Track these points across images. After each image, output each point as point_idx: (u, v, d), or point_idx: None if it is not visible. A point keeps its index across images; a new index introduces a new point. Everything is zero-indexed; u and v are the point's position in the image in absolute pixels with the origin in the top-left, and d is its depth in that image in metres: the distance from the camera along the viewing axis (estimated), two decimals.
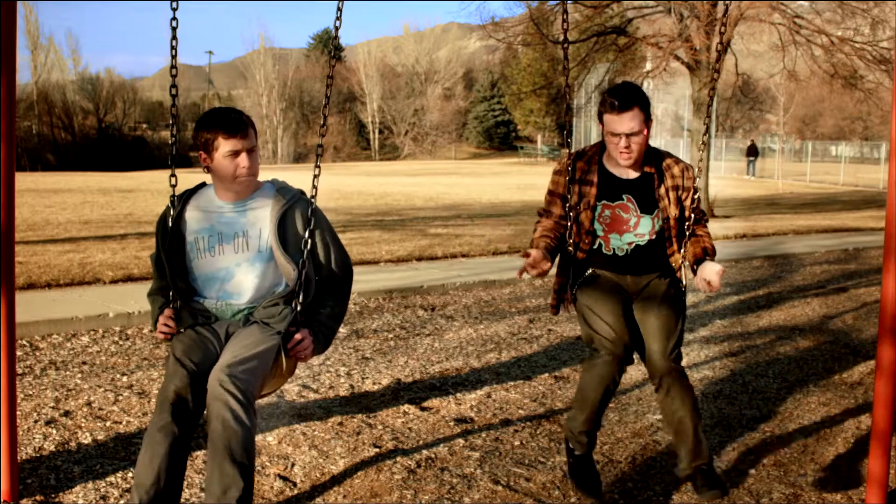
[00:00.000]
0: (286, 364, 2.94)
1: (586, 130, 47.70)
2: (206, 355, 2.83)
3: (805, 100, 55.83)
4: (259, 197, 3.01)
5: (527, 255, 3.17)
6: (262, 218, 2.96)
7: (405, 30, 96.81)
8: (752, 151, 39.31)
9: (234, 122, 2.88)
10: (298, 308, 2.94)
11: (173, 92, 2.97)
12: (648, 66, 20.80)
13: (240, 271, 2.95)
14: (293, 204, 2.99)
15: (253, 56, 78.52)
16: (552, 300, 3.50)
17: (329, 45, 79.83)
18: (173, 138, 3.03)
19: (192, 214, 3.01)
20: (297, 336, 2.93)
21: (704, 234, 3.41)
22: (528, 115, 63.51)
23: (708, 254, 3.31)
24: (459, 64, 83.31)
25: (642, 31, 19.63)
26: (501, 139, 75.89)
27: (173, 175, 2.98)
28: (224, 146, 2.88)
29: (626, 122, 3.19)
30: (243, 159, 2.89)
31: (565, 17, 3.38)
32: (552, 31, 19.89)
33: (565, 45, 3.45)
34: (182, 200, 3.03)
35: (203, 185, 3.12)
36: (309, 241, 2.95)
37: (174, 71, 2.95)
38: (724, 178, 33.98)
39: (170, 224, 2.96)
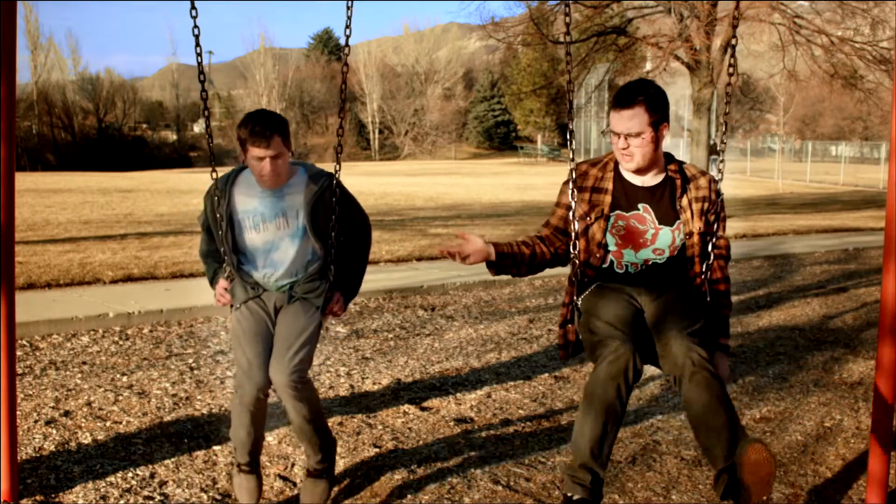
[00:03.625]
0: (324, 323, 3.48)
1: (586, 130, 47.74)
2: (266, 341, 3.29)
3: (805, 100, 55.84)
4: (294, 183, 3.35)
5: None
6: (298, 201, 3.33)
7: (405, 30, 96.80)
8: (713, 150, 40.89)
9: (260, 133, 3.14)
10: (331, 279, 3.41)
11: (204, 96, 3.28)
12: (648, 66, 20.81)
13: (283, 244, 3.34)
14: (324, 192, 3.34)
15: (253, 56, 78.50)
16: (559, 339, 3.12)
17: (333, 47, 79.88)
18: (209, 137, 3.36)
19: (239, 197, 3.35)
20: (331, 303, 3.43)
21: (724, 287, 3.03)
22: (528, 115, 63.48)
23: (724, 332, 3.00)
24: (459, 64, 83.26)
25: (642, 31, 19.64)
26: (501, 139, 75.85)
27: (214, 171, 3.34)
28: (251, 151, 3.18)
29: (624, 120, 2.90)
30: (266, 165, 3.19)
31: (567, 16, 3.14)
32: (552, 31, 19.90)
33: (567, 45, 3.19)
34: (229, 183, 3.36)
35: (244, 167, 3.40)
36: (336, 225, 3.34)
37: (202, 77, 3.21)
38: (725, 178, 33.90)
39: (220, 209, 3.32)
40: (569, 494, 2.73)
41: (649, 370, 3.14)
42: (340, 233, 3.42)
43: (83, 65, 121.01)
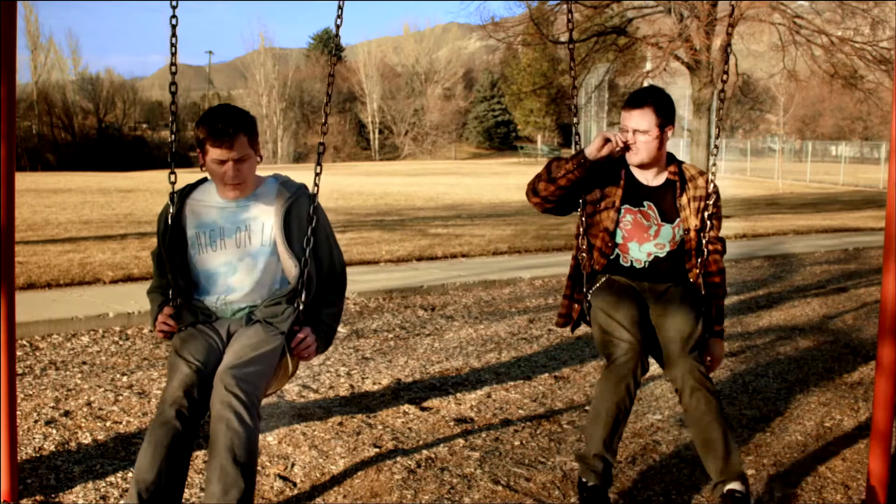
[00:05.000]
0: (291, 364, 2.93)
1: (586, 130, 47.69)
2: (210, 352, 2.78)
3: (805, 100, 55.87)
4: (262, 192, 2.94)
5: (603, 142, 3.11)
6: (266, 212, 2.89)
7: (405, 30, 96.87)
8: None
9: (221, 131, 2.73)
10: (301, 307, 2.90)
11: (173, 90, 2.87)
12: (648, 66, 20.80)
13: (242, 266, 2.89)
14: (298, 198, 2.93)
15: (253, 56, 78.50)
16: (563, 309, 3.37)
17: (330, 45, 79.82)
18: (173, 136, 2.94)
19: (193, 210, 2.94)
20: (301, 335, 2.90)
21: (719, 279, 3.29)
22: (528, 115, 63.47)
23: (719, 320, 3.28)
24: (459, 64, 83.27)
25: (642, 31, 19.64)
26: (501, 139, 75.86)
27: (172, 173, 2.89)
28: (211, 153, 2.79)
29: (634, 118, 3.18)
30: (229, 169, 2.79)
31: (570, 16, 3.41)
32: (552, 31, 19.91)
33: (571, 46, 3.48)
34: (182, 195, 2.96)
35: (205, 179, 3.04)
36: (311, 238, 2.88)
37: (174, 69, 2.87)
38: (724, 178, 33.98)
39: (170, 220, 2.89)
40: (584, 480, 3.08)
41: (651, 369, 3.23)
42: (316, 260, 2.93)
43: (83, 65, 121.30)
